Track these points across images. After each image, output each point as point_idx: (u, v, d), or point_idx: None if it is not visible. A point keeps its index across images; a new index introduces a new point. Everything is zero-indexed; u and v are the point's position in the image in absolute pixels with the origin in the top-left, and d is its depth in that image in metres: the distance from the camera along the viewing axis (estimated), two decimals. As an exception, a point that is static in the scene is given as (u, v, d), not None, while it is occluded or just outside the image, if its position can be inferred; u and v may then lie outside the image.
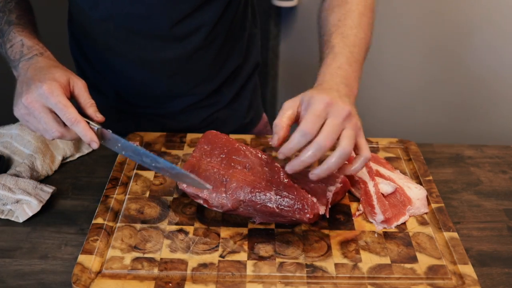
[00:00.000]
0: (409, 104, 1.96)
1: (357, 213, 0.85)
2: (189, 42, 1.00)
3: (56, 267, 0.77)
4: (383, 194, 0.84)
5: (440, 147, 1.06)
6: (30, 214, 0.85)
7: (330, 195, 0.80)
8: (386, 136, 1.07)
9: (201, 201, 0.82)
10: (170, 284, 0.71)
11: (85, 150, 1.01)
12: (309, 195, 0.77)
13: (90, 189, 0.92)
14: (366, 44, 0.88)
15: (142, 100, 1.09)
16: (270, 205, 0.77)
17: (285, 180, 0.78)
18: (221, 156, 0.83)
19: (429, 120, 1.96)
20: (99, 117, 0.80)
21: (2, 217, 0.85)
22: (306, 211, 0.76)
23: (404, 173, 0.94)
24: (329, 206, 0.80)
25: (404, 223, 0.83)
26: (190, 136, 1.02)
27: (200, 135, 1.00)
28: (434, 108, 1.95)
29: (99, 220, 0.81)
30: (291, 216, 0.77)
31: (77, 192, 0.92)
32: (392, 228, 0.82)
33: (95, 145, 0.79)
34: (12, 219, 0.85)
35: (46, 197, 0.87)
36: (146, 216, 0.83)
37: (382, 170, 0.89)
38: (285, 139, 0.73)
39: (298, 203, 0.76)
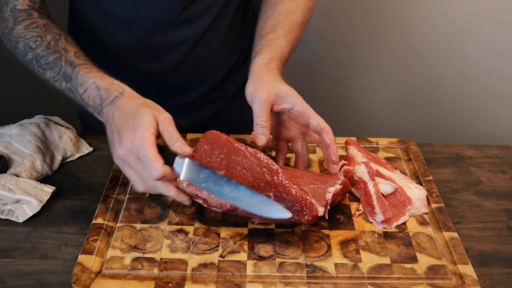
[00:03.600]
0: (409, 104, 1.96)
1: (357, 213, 0.85)
2: (198, 25, 1.03)
3: (56, 267, 0.77)
4: (383, 194, 0.84)
5: (440, 147, 1.06)
6: (30, 214, 0.85)
7: (329, 196, 0.79)
8: (386, 136, 1.07)
9: (200, 201, 0.82)
10: (170, 284, 0.71)
11: (85, 150, 1.02)
12: (308, 197, 0.77)
13: (90, 189, 0.92)
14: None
15: (148, 93, 1.10)
16: None
17: (284, 181, 0.78)
18: (221, 156, 0.83)
19: (429, 120, 1.96)
20: (185, 151, 0.78)
21: (2, 217, 0.85)
22: (304, 212, 0.76)
23: (404, 173, 0.94)
24: (329, 207, 0.80)
25: (404, 223, 0.83)
26: (190, 136, 1.02)
27: (200, 135, 1.00)
28: (434, 108, 1.95)
29: (99, 220, 0.81)
30: (289, 217, 0.77)
31: (77, 192, 0.92)
32: (392, 228, 0.82)
33: (187, 203, 0.82)
34: (12, 219, 0.85)
35: (46, 197, 0.87)
36: (146, 216, 0.83)
37: (382, 170, 0.89)
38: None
39: (297, 204, 0.76)
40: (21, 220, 0.84)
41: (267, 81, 0.86)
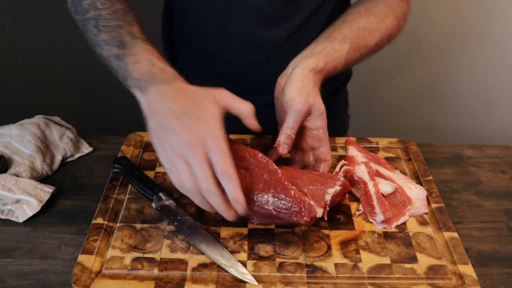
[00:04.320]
0: (409, 104, 1.96)
1: (357, 213, 0.85)
2: (286, 26, 1.00)
3: (56, 267, 0.77)
4: (383, 194, 0.84)
5: (440, 147, 1.06)
6: (30, 214, 0.85)
7: (329, 197, 0.79)
8: (386, 136, 1.07)
9: None
10: (170, 284, 0.71)
11: (85, 150, 1.02)
12: (307, 198, 0.77)
13: (90, 189, 0.92)
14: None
15: (227, 87, 1.09)
16: (267, 207, 0.77)
17: (283, 182, 0.77)
18: None
19: (429, 120, 1.96)
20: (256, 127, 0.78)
21: (2, 217, 0.85)
22: (303, 214, 0.75)
23: (404, 173, 0.94)
24: (328, 208, 0.79)
25: (404, 223, 0.83)
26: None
27: None
28: (434, 108, 1.95)
29: (99, 220, 0.81)
30: (288, 218, 0.76)
31: (77, 192, 0.92)
32: (392, 228, 0.82)
33: (231, 218, 0.73)
34: (12, 219, 0.85)
35: (46, 197, 0.87)
36: (146, 216, 0.83)
37: (382, 170, 0.89)
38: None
39: (295, 205, 0.76)
40: (21, 220, 0.84)
41: (309, 93, 0.83)
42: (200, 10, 1.02)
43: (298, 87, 0.83)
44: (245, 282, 0.72)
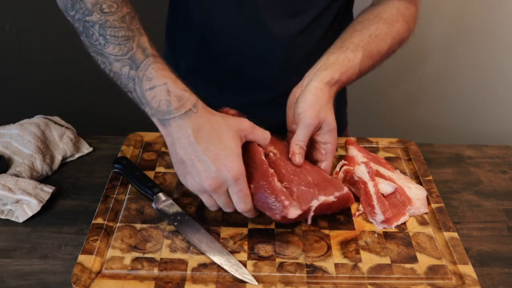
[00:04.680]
0: (409, 104, 1.96)
1: (357, 213, 0.85)
2: (295, 23, 0.99)
3: (56, 267, 0.77)
4: (383, 194, 0.84)
5: (440, 147, 1.06)
6: (30, 214, 0.85)
7: (316, 203, 0.77)
8: (386, 136, 1.07)
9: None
10: (170, 284, 0.71)
11: (85, 150, 1.02)
12: (283, 197, 0.75)
13: (90, 189, 0.92)
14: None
15: (233, 82, 1.04)
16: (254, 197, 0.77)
17: (269, 176, 0.77)
18: None
19: (429, 120, 1.96)
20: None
21: (2, 217, 0.85)
22: (275, 211, 0.75)
23: (404, 173, 0.94)
24: (312, 214, 0.77)
25: (404, 223, 0.83)
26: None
27: None
28: (434, 108, 1.95)
29: (99, 220, 0.81)
30: (263, 210, 0.76)
31: (77, 192, 0.92)
32: (392, 228, 0.82)
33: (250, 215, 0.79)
34: (12, 219, 0.85)
35: (46, 197, 0.87)
36: (146, 216, 0.83)
37: (382, 170, 0.89)
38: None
39: (271, 200, 0.75)
40: (21, 220, 0.84)
41: (322, 108, 0.84)
42: (207, 5, 1.01)
43: (312, 101, 0.83)
44: (245, 282, 0.72)
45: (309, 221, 0.78)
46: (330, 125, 0.84)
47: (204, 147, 0.72)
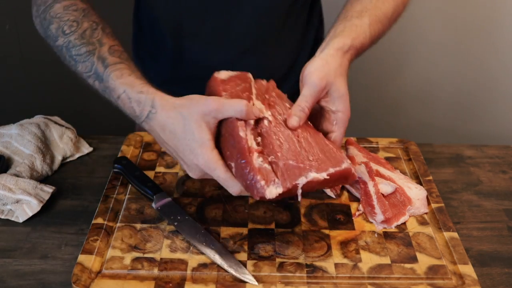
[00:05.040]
0: (409, 104, 1.96)
1: (357, 213, 0.85)
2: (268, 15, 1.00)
3: (56, 267, 0.77)
4: (383, 194, 0.84)
5: (440, 147, 1.06)
6: (30, 214, 0.85)
7: (303, 181, 0.70)
8: (386, 136, 1.07)
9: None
10: (170, 284, 0.71)
11: (85, 150, 1.01)
12: (260, 176, 0.69)
13: (90, 189, 0.92)
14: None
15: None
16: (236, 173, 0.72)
17: (245, 153, 0.71)
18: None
19: (429, 120, 1.96)
20: (257, 114, 0.75)
21: (2, 217, 0.85)
22: (254, 191, 0.70)
23: (404, 173, 0.94)
24: (301, 191, 0.71)
25: (404, 223, 0.83)
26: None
27: None
28: (434, 108, 1.95)
29: (99, 220, 0.81)
30: (246, 189, 0.72)
31: (77, 192, 0.92)
32: (392, 228, 0.82)
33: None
34: (12, 219, 0.85)
35: (46, 197, 0.87)
36: (146, 216, 0.83)
37: (382, 170, 0.89)
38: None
39: (249, 179, 0.70)
40: (21, 220, 0.84)
41: (331, 71, 0.79)
42: (173, 12, 1.01)
43: (320, 64, 0.79)
44: (245, 282, 0.72)
45: (299, 198, 0.71)
46: (340, 90, 0.79)
47: (173, 144, 0.74)
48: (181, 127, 0.72)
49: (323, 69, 0.78)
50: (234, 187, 0.73)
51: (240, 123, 0.73)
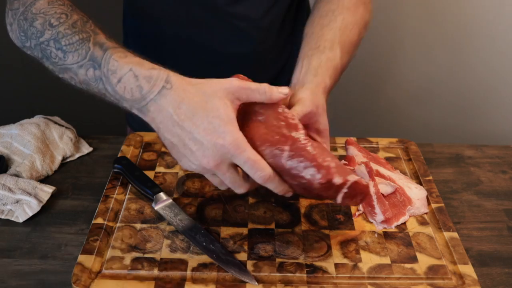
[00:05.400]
0: (409, 104, 1.96)
1: (357, 213, 0.85)
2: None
3: (56, 267, 0.77)
4: (383, 194, 0.84)
5: (440, 147, 1.06)
6: (30, 214, 0.85)
7: (352, 178, 0.68)
8: (386, 136, 1.07)
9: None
10: (170, 284, 0.71)
11: (85, 150, 1.01)
12: (328, 158, 0.67)
13: (90, 189, 0.92)
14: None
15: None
16: (280, 160, 0.67)
17: (302, 137, 0.68)
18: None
19: (429, 120, 1.96)
20: (284, 92, 0.69)
21: (2, 217, 0.85)
22: (320, 173, 0.66)
23: (404, 173, 0.94)
24: (344, 192, 0.69)
25: (404, 223, 0.83)
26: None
27: None
28: (434, 108, 1.95)
29: (99, 220, 0.81)
30: (300, 177, 0.67)
31: (77, 192, 0.92)
32: (392, 228, 0.82)
33: (290, 194, 0.71)
34: (12, 219, 0.85)
35: (46, 197, 0.87)
36: (146, 216, 0.83)
37: (382, 170, 0.89)
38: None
39: (313, 162, 0.66)
40: (21, 220, 0.84)
41: (320, 103, 0.78)
42: (158, 39, 1.02)
43: (310, 93, 0.78)
44: (245, 282, 0.72)
45: (339, 200, 0.70)
46: (325, 124, 0.79)
47: (190, 123, 0.65)
48: (203, 103, 0.65)
49: (314, 99, 0.78)
50: (265, 170, 0.65)
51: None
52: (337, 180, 0.67)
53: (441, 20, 1.79)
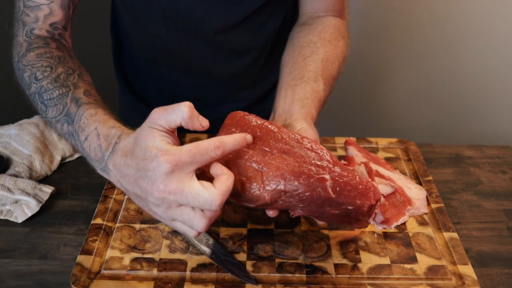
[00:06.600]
0: (409, 104, 1.96)
1: (357, 213, 0.85)
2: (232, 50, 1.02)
3: (55, 267, 0.77)
4: (383, 195, 0.84)
5: (440, 147, 1.06)
6: (29, 214, 0.85)
7: (380, 198, 0.67)
8: (386, 136, 1.07)
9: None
10: (169, 285, 0.71)
11: (85, 150, 1.01)
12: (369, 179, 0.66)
13: (89, 189, 0.92)
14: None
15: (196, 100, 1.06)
16: (324, 191, 0.64)
17: (336, 163, 0.65)
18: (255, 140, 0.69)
19: (429, 120, 1.96)
20: (205, 124, 0.62)
21: (1, 217, 0.85)
22: (369, 195, 0.64)
23: (404, 173, 0.94)
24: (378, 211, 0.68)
25: (403, 224, 0.83)
26: (189, 136, 1.02)
27: (203, 135, 1.00)
28: (434, 108, 1.95)
29: (98, 221, 0.81)
30: (349, 202, 0.65)
31: (76, 192, 0.91)
32: (391, 228, 0.82)
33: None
34: (11, 219, 0.85)
35: (45, 197, 0.87)
36: (145, 216, 0.83)
37: (382, 170, 0.89)
38: None
39: (360, 185, 0.64)
40: (20, 221, 0.84)
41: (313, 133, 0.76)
42: (150, 45, 1.03)
43: (306, 123, 0.77)
44: (245, 283, 0.72)
45: (373, 218, 0.71)
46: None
47: (135, 185, 0.62)
48: (136, 146, 0.61)
49: (313, 129, 0.76)
50: (216, 198, 0.59)
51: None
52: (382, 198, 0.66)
53: (441, 20, 1.79)
